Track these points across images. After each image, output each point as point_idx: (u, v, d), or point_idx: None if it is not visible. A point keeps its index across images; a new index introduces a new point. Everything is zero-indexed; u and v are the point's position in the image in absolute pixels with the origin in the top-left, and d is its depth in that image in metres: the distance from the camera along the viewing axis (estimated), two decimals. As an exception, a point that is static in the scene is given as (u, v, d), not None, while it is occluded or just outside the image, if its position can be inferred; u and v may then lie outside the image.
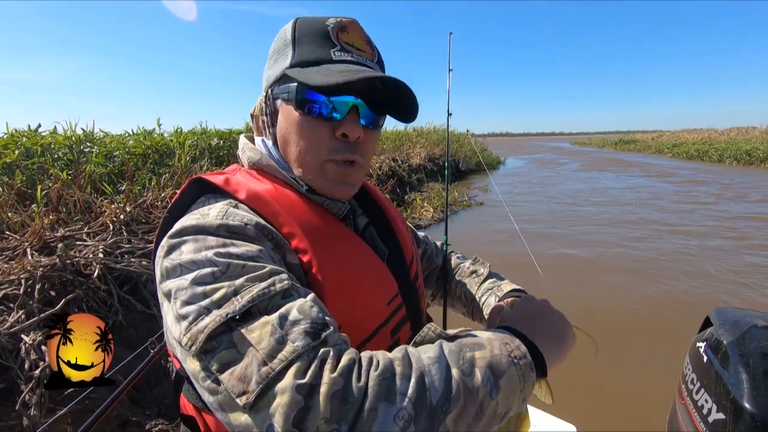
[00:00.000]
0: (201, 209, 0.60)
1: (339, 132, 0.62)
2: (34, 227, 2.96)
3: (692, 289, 4.66)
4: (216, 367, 0.44)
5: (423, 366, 0.46)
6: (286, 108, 0.65)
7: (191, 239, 0.53)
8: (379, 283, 0.66)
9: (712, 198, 10.37)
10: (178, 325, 0.48)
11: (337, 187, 0.65)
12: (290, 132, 0.65)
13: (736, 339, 1.12)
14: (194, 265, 0.50)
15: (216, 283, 0.49)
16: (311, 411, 0.40)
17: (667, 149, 29.40)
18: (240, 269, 0.50)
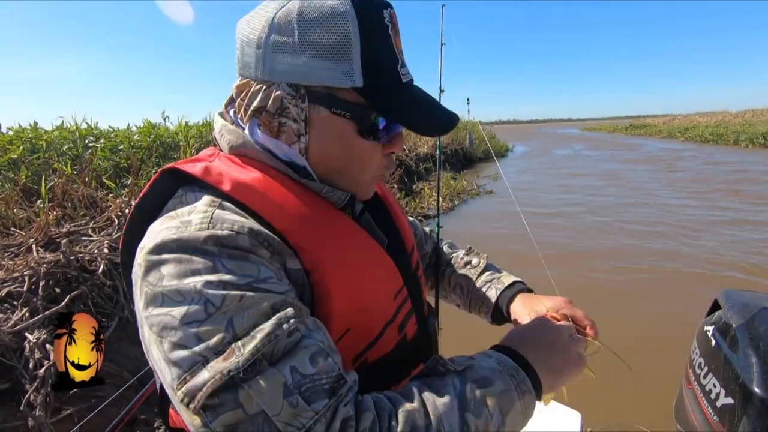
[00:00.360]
0: (180, 211, 0.51)
1: (389, 150, 0.62)
2: (39, 223, 2.92)
3: (701, 272, 4.56)
4: (221, 429, 0.40)
5: (440, 415, 0.46)
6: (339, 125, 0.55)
7: (173, 259, 0.45)
8: (384, 277, 0.62)
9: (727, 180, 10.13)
10: (169, 371, 0.43)
11: (369, 191, 0.65)
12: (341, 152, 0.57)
13: (746, 322, 1.09)
14: (180, 297, 0.43)
15: (210, 322, 0.42)
16: None
17: (679, 133, 28.83)
18: (237, 302, 0.44)
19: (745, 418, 0.96)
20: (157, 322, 0.44)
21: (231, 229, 0.48)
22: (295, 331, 0.44)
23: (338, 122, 0.55)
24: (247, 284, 0.45)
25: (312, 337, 0.46)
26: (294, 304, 0.47)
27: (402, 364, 0.63)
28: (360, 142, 0.57)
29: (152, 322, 0.44)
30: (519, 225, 6.89)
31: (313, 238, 0.53)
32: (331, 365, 0.45)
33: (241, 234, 0.48)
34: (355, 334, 0.55)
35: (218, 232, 0.47)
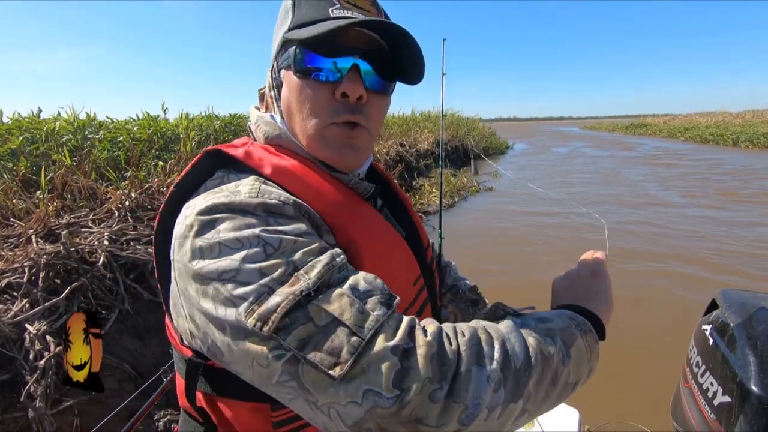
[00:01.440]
0: (227, 186, 0.55)
1: (339, 92, 0.59)
2: (39, 214, 2.90)
3: (698, 271, 4.57)
4: (295, 344, 0.42)
5: (502, 334, 0.48)
6: (287, 76, 0.62)
7: (227, 218, 0.49)
8: (405, 264, 0.65)
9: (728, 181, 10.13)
10: (233, 308, 0.44)
11: (341, 151, 0.61)
12: (292, 100, 0.61)
13: (744, 321, 1.10)
14: (239, 243, 0.47)
15: (271, 260, 0.46)
16: (410, 372, 0.41)
17: (679, 133, 28.82)
18: (292, 244, 0.48)
19: (742, 416, 0.97)
20: (215, 269, 0.46)
21: (278, 199, 0.52)
22: (345, 266, 0.49)
23: (287, 75, 0.61)
24: (299, 233, 0.49)
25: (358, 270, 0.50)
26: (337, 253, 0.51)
27: None
28: (301, 83, 0.59)
29: (208, 271, 0.46)
30: (518, 224, 6.90)
31: (345, 220, 0.57)
32: (381, 284, 0.49)
33: (287, 204, 0.52)
34: None
35: (267, 200, 0.51)
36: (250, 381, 0.47)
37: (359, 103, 0.60)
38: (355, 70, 0.58)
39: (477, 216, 7.50)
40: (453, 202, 8.44)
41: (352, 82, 0.58)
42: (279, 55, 0.63)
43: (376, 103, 0.62)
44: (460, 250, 5.47)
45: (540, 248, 5.49)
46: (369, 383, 0.41)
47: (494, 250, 5.48)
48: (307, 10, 0.60)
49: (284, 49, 0.61)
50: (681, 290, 4.18)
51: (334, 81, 0.59)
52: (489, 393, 0.43)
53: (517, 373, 0.45)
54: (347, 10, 0.59)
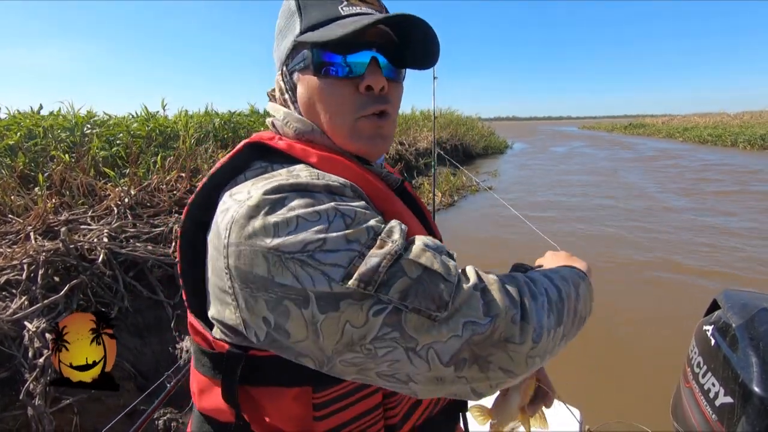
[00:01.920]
0: (278, 172, 0.56)
1: (363, 86, 0.60)
2: (37, 211, 2.88)
3: (698, 272, 4.58)
4: (397, 296, 0.46)
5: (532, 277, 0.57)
6: (304, 77, 0.62)
7: (297, 195, 0.50)
8: None
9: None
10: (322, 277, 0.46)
11: (373, 141, 0.63)
12: (314, 100, 0.62)
13: (746, 322, 1.10)
14: (317, 215, 0.48)
15: (352, 228, 0.48)
16: (493, 303, 0.49)
17: (678, 133, 28.89)
18: (364, 215, 0.51)
19: (744, 417, 0.97)
20: (299, 241, 0.46)
21: (338, 182, 0.54)
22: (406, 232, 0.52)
23: (304, 76, 0.62)
24: (366, 207, 0.53)
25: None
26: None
27: None
28: (322, 83, 0.60)
29: (290, 244, 0.46)
30: (517, 224, 6.91)
31: (385, 210, 0.59)
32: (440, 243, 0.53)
33: (347, 187, 0.55)
34: None
35: (330, 182, 0.53)
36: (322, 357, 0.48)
37: (382, 93, 0.62)
38: (375, 63, 0.60)
39: (474, 216, 7.50)
40: (452, 201, 8.45)
41: (375, 75, 0.60)
42: (289, 59, 0.64)
43: (395, 91, 0.65)
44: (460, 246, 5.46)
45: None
46: (467, 316, 0.48)
47: (490, 254, 5.48)
48: (316, 12, 0.61)
49: (297, 51, 0.62)
50: (680, 291, 4.19)
51: (355, 76, 0.60)
52: (545, 318, 0.52)
53: (557, 305, 0.55)
54: (354, 6, 0.61)
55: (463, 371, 0.49)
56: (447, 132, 14.94)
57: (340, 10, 0.60)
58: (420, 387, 0.50)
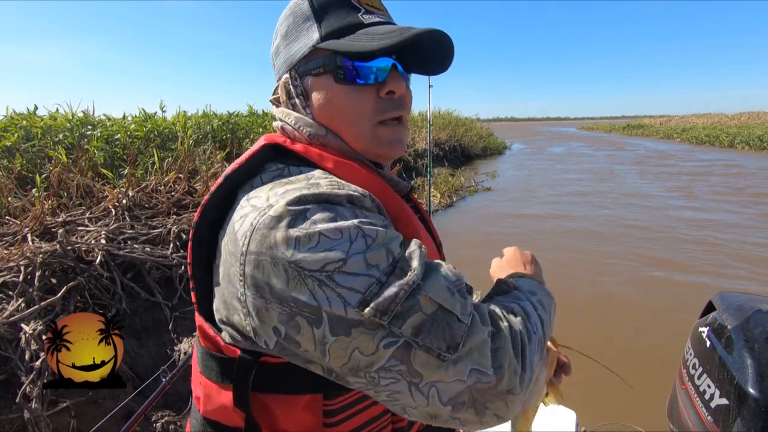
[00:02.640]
0: (296, 177, 0.56)
1: (384, 91, 0.61)
2: (35, 212, 2.87)
3: (694, 273, 4.59)
4: (410, 331, 0.46)
5: (529, 312, 0.58)
6: (322, 83, 0.62)
7: (320, 208, 0.49)
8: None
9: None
10: (338, 299, 0.46)
11: (393, 146, 0.65)
12: (332, 106, 0.62)
13: (741, 324, 1.11)
14: (339, 234, 0.47)
15: (372, 251, 0.48)
16: (501, 352, 0.49)
17: (676, 134, 28.96)
18: (385, 235, 0.50)
19: (739, 419, 0.98)
20: (319, 259, 0.46)
21: (358, 192, 0.54)
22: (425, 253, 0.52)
23: (321, 81, 0.62)
24: (386, 225, 0.52)
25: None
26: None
27: None
28: (342, 89, 0.61)
29: (310, 261, 0.46)
30: (515, 225, 6.91)
31: (397, 217, 0.60)
32: (459, 273, 0.53)
33: (366, 197, 0.54)
34: None
35: (351, 192, 0.53)
36: (328, 369, 0.49)
37: (401, 98, 0.64)
38: (396, 69, 0.62)
39: (472, 217, 7.50)
40: (451, 202, 8.45)
41: (397, 80, 0.62)
42: (302, 63, 0.63)
43: (408, 96, 0.66)
44: (460, 247, 5.48)
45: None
46: (474, 363, 0.47)
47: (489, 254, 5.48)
48: (335, 19, 0.61)
49: (312, 56, 0.62)
50: (675, 292, 4.20)
51: (379, 82, 0.62)
52: (536, 359, 0.54)
53: (541, 341, 0.56)
54: (371, 14, 0.62)
55: (460, 413, 0.49)
56: (445, 133, 14.94)
57: (361, 18, 0.61)
58: (412, 416, 0.51)
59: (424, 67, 0.69)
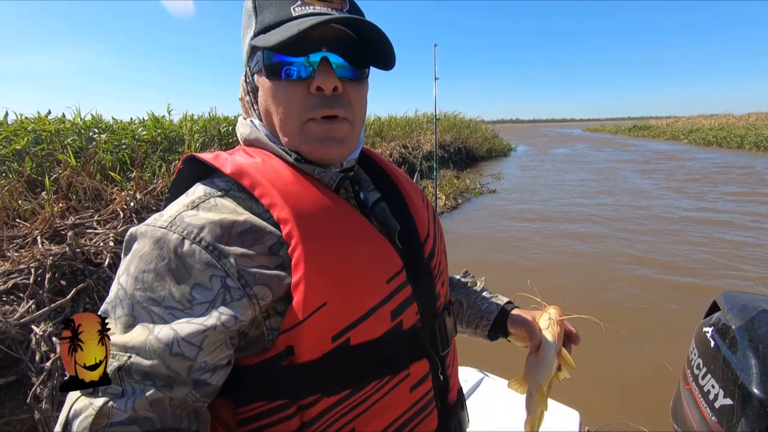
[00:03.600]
0: (178, 200, 0.59)
1: (313, 86, 0.58)
2: (44, 215, 2.90)
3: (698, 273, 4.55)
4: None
5: None
6: (260, 80, 0.62)
7: (133, 250, 0.53)
8: (375, 258, 0.60)
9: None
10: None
11: (324, 144, 0.60)
12: (269, 102, 0.61)
13: (745, 324, 1.10)
14: (117, 287, 0.52)
15: (109, 318, 0.51)
16: None
17: (683, 135, 28.73)
18: (124, 317, 0.51)
19: (743, 419, 0.97)
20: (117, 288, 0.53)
21: (182, 234, 0.52)
22: (117, 373, 0.48)
23: (261, 78, 0.61)
24: (143, 305, 0.50)
25: (115, 396, 0.47)
26: (149, 353, 0.48)
27: (394, 354, 0.61)
28: (274, 85, 0.60)
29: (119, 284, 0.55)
30: (520, 228, 6.88)
31: (294, 211, 0.56)
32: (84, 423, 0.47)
33: (186, 240, 0.52)
34: (332, 309, 0.54)
35: (170, 236, 0.52)
36: None
37: (335, 94, 0.59)
38: (326, 63, 0.58)
39: (478, 219, 7.49)
40: (456, 204, 8.44)
41: (324, 75, 0.57)
42: (249, 61, 0.63)
43: (353, 91, 0.62)
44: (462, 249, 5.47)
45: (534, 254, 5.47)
46: None
47: (491, 259, 5.47)
48: (269, 13, 0.59)
49: (253, 54, 0.62)
50: (680, 292, 4.16)
51: (306, 77, 0.58)
52: None
53: None
54: (309, 5, 0.58)
55: None
56: (450, 135, 14.93)
57: (291, 11, 0.58)
58: None
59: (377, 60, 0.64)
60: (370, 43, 0.61)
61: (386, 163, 0.79)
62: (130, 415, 0.46)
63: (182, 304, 0.50)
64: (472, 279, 0.97)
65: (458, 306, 0.92)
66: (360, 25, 0.58)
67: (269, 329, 0.54)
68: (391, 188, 0.74)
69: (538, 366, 0.75)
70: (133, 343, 0.48)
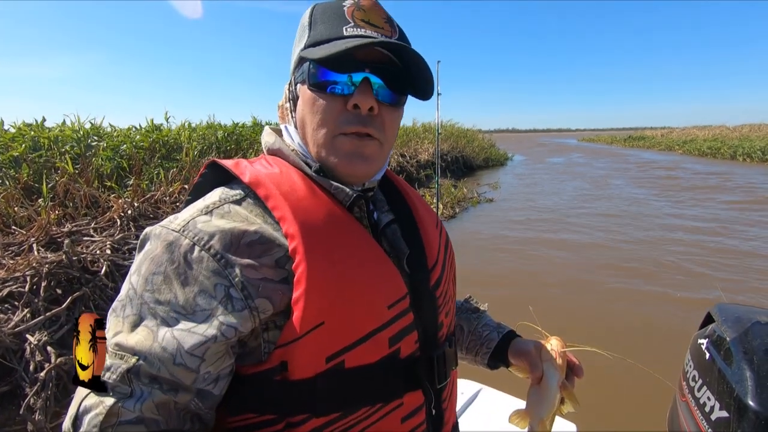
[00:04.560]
0: (196, 202, 0.61)
1: (351, 103, 0.59)
2: (41, 222, 2.89)
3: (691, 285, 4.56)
4: None
5: None
6: (302, 90, 0.63)
7: (145, 250, 0.55)
8: (378, 282, 0.60)
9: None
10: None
11: (351, 160, 0.61)
12: (306, 112, 0.63)
13: (739, 336, 1.10)
14: (129, 286, 0.53)
15: (119, 316, 0.52)
16: None
17: (677, 146, 29.01)
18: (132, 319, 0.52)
19: (739, 431, 0.97)
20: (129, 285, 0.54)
21: (192, 239, 0.53)
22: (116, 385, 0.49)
23: (303, 88, 0.63)
24: (150, 308, 0.52)
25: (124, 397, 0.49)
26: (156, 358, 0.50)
27: (388, 382, 0.60)
28: (313, 96, 0.61)
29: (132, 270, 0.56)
30: (517, 239, 6.90)
31: (302, 227, 0.56)
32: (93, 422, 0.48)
33: (197, 246, 0.53)
34: (329, 330, 0.54)
35: (181, 240, 0.53)
36: None
37: (370, 114, 0.61)
38: (366, 83, 0.60)
39: (476, 229, 7.50)
40: (454, 213, 8.45)
41: (363, 94, 0.59)
42: (295, 71, 0.65)
43: (388, 115, 0.63)
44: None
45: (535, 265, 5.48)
46: None
47: (492, 267, 5.48)
48: (322, 29, 0.62)
49: (300, 65, 0.63)
50: (674, 304, 4.17)
51: (347, 94, 0.60)
52: None
53: None
54: (361, 28, 0.61)
55: None
56: (448, 144, 15.01)
57: (343, 31, 0.60)
58: None
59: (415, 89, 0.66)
60: (411, 71, 0.63)
61: (403, 186, 0.80)
62: (137, 415, 0.48)
63: (185, 309, 0.51)
64: (475, 304, 0.95)
65: (459, 331, 0.91)
66: (403, 51, 0.60)
67: (266, 342, 0.54)
68: (406, 211, 0.74)
69: (540, 399, 0.72)
70: (140, 347, 0.49)
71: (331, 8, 0.63)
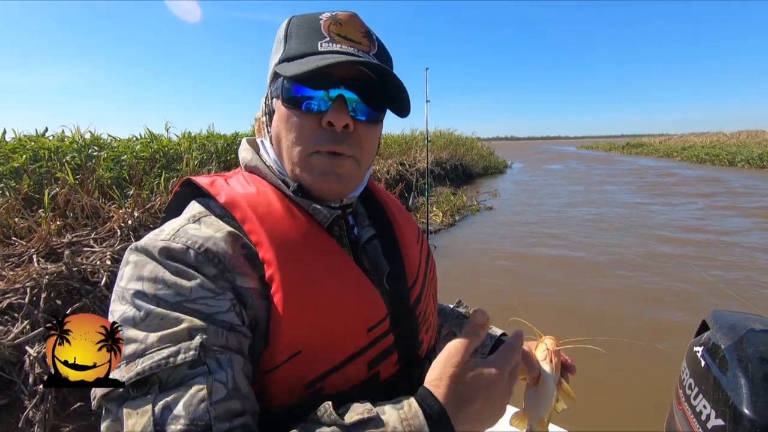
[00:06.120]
0: (170, 221, 0.59)
1: (325, 121, 0.58)
2: (41, 233, 2.89)
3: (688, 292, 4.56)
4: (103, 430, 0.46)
5: None
6: (278, 104, 0.62)
7: (133, 261, 0.53)
8: (357, 306, 0.59)
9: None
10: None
11: (325, 178, 0.60)
12: (281, 128, 0.62)
13: (734, 343, 1.11)
14: (123, 301, 0.51)
15: (132, 329, 0.48)
16: None
17: (676, 153, 29.13)
18: (158, 321, 0.49)
19: None
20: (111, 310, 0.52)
21: (184, 244, 0.53)
22: (196, 362, 0.47)
23: (278, 104, 0.62)
24: (176, 303, 0.50)
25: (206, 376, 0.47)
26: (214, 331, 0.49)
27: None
28: (288, 113, 0.60)
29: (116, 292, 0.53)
30: (517, 246, 6.90)
31: (279, 252, 0.55)
32: (203, 412, 0.45)
33: (191, 249, 0.53)
34: (306, 358, 0.54)
35: (173, 245, 0.53)
36: None
37: (345, 131, 0.59)
38: (341, 100, 0.58)
39: (475, 237, 7.50)
40: (453, 221, 8.45)
41: (337, 112, 0.58)
42: (271, 84, 0.64)
43: (364, 131, 0.62)
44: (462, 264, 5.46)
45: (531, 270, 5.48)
46: None
47: (491, 273, 5.47)
48: (296, 44, 0.61)
49: (275, 79, 0.62)
50: (670, 310, 4.16)
51: (323, 110, 0.59)
52: None
53: None
54: (336, 43, 0.59)
55: None
56: (446, 152, 15.06)
57: (318, 46, 0.59)
58: None
59: (393, 105, 0.64)
60: (389, 87, 0.62)
61: (384, 198, 0.78)
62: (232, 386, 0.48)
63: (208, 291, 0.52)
64: (466, 309, 0.95)
65: (451, 337, 0.90)
66: (371, 67, 0.59)
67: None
68: (386, 225, 0.73)
69: (538, 399, 0.73)
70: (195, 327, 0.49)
71: (307, 22, 0.62)
